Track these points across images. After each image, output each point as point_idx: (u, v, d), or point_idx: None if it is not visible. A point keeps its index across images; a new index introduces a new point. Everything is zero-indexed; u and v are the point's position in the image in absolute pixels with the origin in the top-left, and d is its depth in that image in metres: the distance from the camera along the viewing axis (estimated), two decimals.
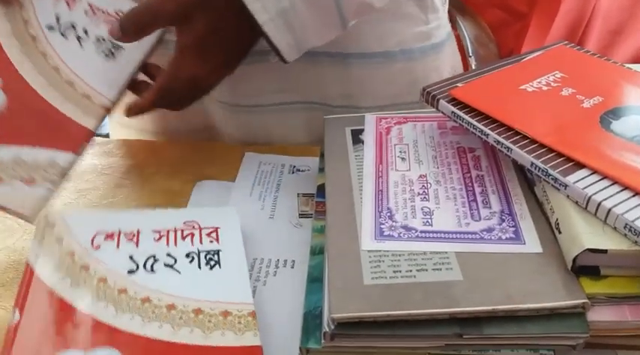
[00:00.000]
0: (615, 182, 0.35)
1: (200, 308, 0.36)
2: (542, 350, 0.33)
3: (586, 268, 0.33)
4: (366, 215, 0.40)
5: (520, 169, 0.43)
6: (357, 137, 0.49)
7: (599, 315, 0.32)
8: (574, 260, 0.33)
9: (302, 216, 0.49)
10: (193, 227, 0.42)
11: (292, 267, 0.44)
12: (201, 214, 0.43)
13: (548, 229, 0.37)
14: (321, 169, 0.49)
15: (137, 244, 0.41)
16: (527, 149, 0.39)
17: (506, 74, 0.48)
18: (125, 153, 0.59)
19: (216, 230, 0.42)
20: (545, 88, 0.45)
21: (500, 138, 0.40)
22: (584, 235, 0.33)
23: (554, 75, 0.47)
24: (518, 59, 0.51)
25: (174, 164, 0.57)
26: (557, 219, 0.36)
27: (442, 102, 0.45)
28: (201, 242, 0.41)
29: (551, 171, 0.37)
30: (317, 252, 0.41)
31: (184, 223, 0.42)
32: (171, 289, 0.37)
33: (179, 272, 0.39)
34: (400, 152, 0.46)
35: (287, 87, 0.60)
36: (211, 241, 0.41)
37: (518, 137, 0.40)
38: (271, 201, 0.51)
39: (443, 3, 0.64)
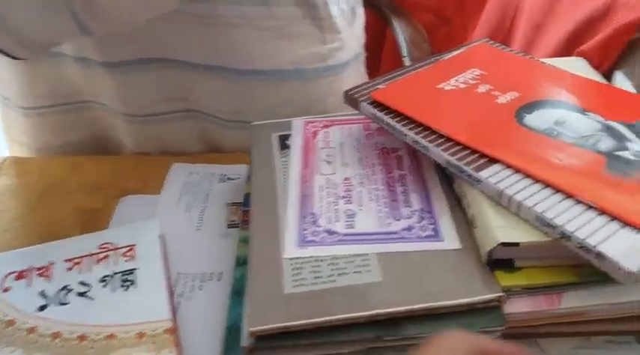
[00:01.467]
0: (526, 175, 0.36)
1: (113, 334, 0.35)
2: None
3: (501, 261, 0.34)
4: (289, 221, 0.39)
5: (440, 167, 0.43)
6: (284, 142, 0.48)
7: (516, 307, 0.33)
8: (489, 254, 0.34)
9: (231, 226, 0.48)
10: (108, 249, 0.41)
11: (219, 280, 0.43)
12: (117, 234, 0.42)
13: (467, 225, 0.37)
14: (250, 177, 0.48)
15: (50, 278, 0.39)
16: (442, 147, 0.39)
17: (426, 74, 0.49)
18: (43, 172, 0.57)
19: (132, 248, 0.40)
20: (462, 86, 0.46)
21: (417, 138, 0.41)
22: (498, 229, 0.34)
23: (472, 72, 0.48)
24: (438, 58, 0.51)
25: (96, 180, 0.55)
26: (472, 214, 0.36)
27: (363, 104, 0.45)
28: (116, 263, 0.39)
29: (465, 168, 0.37)
30: (242, 262, 0.40)
31: (99, 246, 0.41)
32: (83, 319, 0.36)
33: (92, 299, 0.37)
34: (326, 155, 0.46)
35: (177, 96, 0.59)
36: (127, 260, 0.40)
37: (434, 136, 0.40)
38: (199, 212, 0.50)
39: (350, 23, 0.61)
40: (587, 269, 0.33)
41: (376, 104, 0.44)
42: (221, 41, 0.55)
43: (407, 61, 1.00)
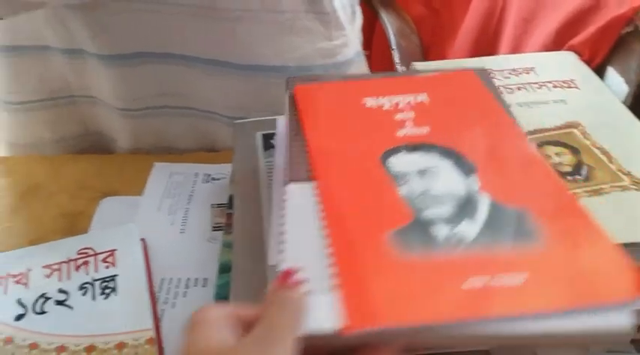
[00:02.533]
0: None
1: (93, 345, 0.33)
2: None
3: None
4: (274, 227, 0.38)
5: None
6: (268, 142, 0.47)
7: None
8: None
9: (216, 228, 0.47)
10: (87, 254, 0.39)
11: (204, 286, 0.42)
12: (96, 238, 0.41)
13: None
14: (232, 179, 0.46)
15: (27, 285, 0.38)
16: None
17: (374, 83, 0.43)
18: (24, 172, 0.55)
19: (112, 253, 0.39)
20: (386, 107, 0.39)
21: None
22: None
23: (417, 96, 0.41)
24: (415, 73, 0.46)
25: (77, 181, 0.53)
26: None
27: (286, 95, 0.42)
28: (96, 270, 0.38)
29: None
30: (226, 269, 0.39)
31: (78, 252, 0.39)
32: (62, 329, 0.35)
33: (71, 308, 0.36)
34: None
35: (173, 91, 0.57)
36: (107, 266, 0.38)
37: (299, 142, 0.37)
38: (182, 214, 0.48)
39: (351, 21, 0.61)
40: None
41: (292, 99, 0.41)
42: (223, 35, 0.53)
43: (395, 54, 0.99)
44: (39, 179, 0.54)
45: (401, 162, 0.34)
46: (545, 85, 0.47)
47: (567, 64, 0.52)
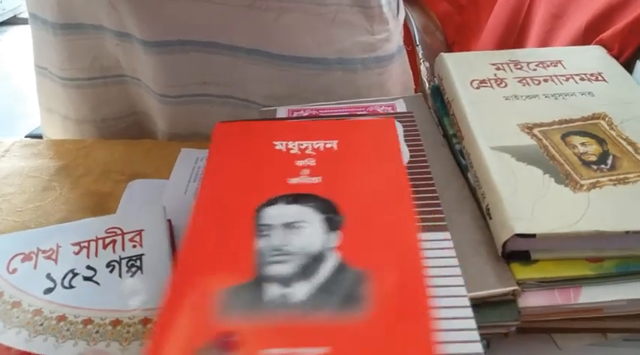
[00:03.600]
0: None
1: (119, 319, 0.34)
2: None
3: (516, 253, 0.33)
4: None
5: (454, 156, 0.42)
6: None
7: (531, 301, 0.32)
8: (504, 245, 0.33)
9: None
10: (115, 233, 0.40)
11: None
12: (124, 218, 0.41)
13: (481, 216, 0.37)
14: None
15: (56, 261, 0.39)
16: None
17: (290, 126, 0.44)
18: (55, 154, 0.56)
19: (139, 233, 0.40)
20: (293, 151, 0.39)
21: None
22: (514, 220, 0.33)
23: (327, 143, 0.40)
24: (345, 117, 0.47)
25: (106, 164, 0.54)
26: (487, 205, 0.35)
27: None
28: (123, 248, 0.39)
29: None
30: None
31: (106, 231, 0.40)
32: (89, 303, 0.36)
33: (99, 284, 0.37)
34: None
35: (213, 79, 0.58)
36: (134, 246, 0.39)
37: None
38: None
39: (394, 16, 0.60)
40: (605, 263, 0.32)
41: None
42: (266, 25, 0.54)
43: (419, 50, 0.98)
44: (69, 161, 0.55)
45: (271, 214, 0.34)
46: (572, 78, 0.47)
47: (595, 57, 0.52)
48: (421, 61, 0.95)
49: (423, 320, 0.28)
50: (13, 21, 3.08)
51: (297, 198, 0.35)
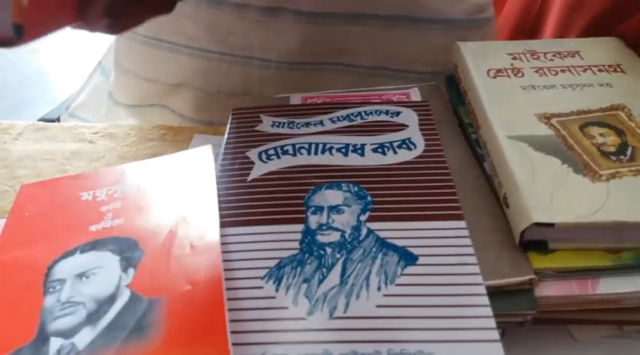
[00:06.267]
0: None
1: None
2: None
3: (534, 243, 0.33)
4: None
5: (470, 145, 0.42)
6: None
7: (547, 290, 0.32)
8: (522, 234, 0.32)
9: None
10: None
11: None
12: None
13: (497, 205, 0.36)
14: None
15: None
16: None
17: (93, 176, 0.43)
18: (68, 138, 0.56)
19: None
20: (99, 199, 0.39)
21: None
22: (532, 209, 0.33)
23: (138, 182, 0.41)
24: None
25: (120, 148, 0.54)
26: (505, 194, 0.35)
27: None
28: None
29: None
30: None
31: None
32: None
33: None
34: None
35: (344, 48, 0.58)
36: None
37: None
38: None
39: None
40: (624, 254, 0.32)
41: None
42: None
43: None
44: (82, 145, 0.55)
45: (63, 269, 0.34)
46: (590, 69, 0.47)
47: (613, 49, 0.51)
48: None
49: (218, 336, 0.28)
50: None
51: (95, 244, 0.35)
